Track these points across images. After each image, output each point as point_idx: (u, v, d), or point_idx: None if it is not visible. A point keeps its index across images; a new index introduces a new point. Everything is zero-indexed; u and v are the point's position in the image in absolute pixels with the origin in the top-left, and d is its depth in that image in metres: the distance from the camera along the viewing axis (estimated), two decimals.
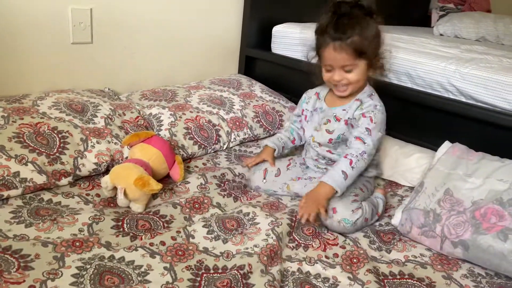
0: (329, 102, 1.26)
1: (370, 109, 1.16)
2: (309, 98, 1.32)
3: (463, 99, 1.38)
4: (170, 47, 1.75)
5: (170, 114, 1.43)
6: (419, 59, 1.48)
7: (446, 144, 1.25)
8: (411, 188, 1.33)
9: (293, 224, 1.07)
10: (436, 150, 1.27)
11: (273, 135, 1.50)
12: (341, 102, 1.22)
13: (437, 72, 1.42)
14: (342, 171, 1.09)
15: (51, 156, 1.11)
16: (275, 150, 1.32)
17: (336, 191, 1.08)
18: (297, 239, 1.04)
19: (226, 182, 1.25)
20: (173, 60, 1.78)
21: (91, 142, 1.21)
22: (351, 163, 1.11)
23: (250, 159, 1.33)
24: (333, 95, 1.24)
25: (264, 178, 1.27)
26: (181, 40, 1.77)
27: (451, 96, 1.41)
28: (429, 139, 1.43)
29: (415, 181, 1.33)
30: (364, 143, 1.13)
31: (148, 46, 1.67)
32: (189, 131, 1.40)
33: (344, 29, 1.08)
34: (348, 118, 1.18)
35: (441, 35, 2.41)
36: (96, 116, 1.29)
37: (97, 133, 1.24)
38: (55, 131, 1.17)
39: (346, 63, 1.11)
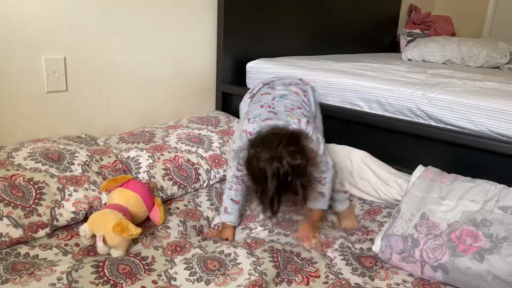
0: None
1: None
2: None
3: (432, 123, 1.43)
4: (146, 89, 1.77)
5: (148, 156, 1.44)
6: (388, 87, 1.53)
7: (420, 168, 1.29)
8: (389, 215, 1.35)
9: (277, 264, 1.07)
10: (411, 175, 1.31)
11: None
12: None
13: (406, 98, 1.48)
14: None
15: (27, 209, 1.10)
16: (235, 226, 1.32)
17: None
18: (280, 275, 1.04)
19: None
20: (150, 102, 1.81)
21: (68, 191, 1.20)
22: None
23: (211, 234, 1.30)
24: None
25: None
26: (156, 81, 1.80)
27: (421, 121, 1.46)
28: (403, 164, 1.47)
29: (395, 194, 1.37)
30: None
31: (124, 89, 1.70)
32: (168, 171, 1.41)
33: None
34: None
35: (409, 60, 2.50)
36: (73, 164, 1.28)
37: (74, 181, 1.23)
38: (31, 182, 1.16)
39: None
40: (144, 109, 1.79)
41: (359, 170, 1.49)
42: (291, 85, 1.37)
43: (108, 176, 1.31)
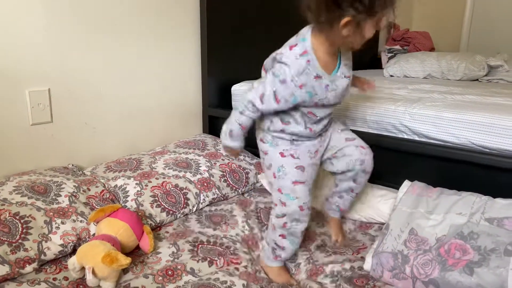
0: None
1: None
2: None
3: (416, 138, 1.45)
4: (132, 116, 1.78)
5: (136, 184, 1.44)
6: (371, 104, 1.56)
7: (406, 183, 1.30)
8: (381, 228, 1.36)
9: None
10: (397, 190, 1.32)
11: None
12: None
13: (389, 114, 1.50)
14: None
15: (14, 244, 1.09)
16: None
17: None
18: None
19: (200, 246, 1.25)
20: (137, 129, 1.81)
21: (56, 223, 1.19)
22: None
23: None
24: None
25: None
26: (142, 109, 1.81)
27: (405, 136, 1.48)
28: (389, 180, 1.49)
29: (386, 216, 1.37)
30: None
31: (110, 118, 1.70)
32: (156, 198, 1.40)
33: None
34: None
35: (391, 76, 2.55)
36: (60, 196, 1.27)
37: (61, 213, 1.22)
38: (17, 217, 1.14)
39: None
40: (130, 137, 1.79)
41: None
42: None
43: (96, 207, 1.30)
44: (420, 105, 1.47)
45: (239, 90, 1.98)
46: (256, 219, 1.44)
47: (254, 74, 2.15)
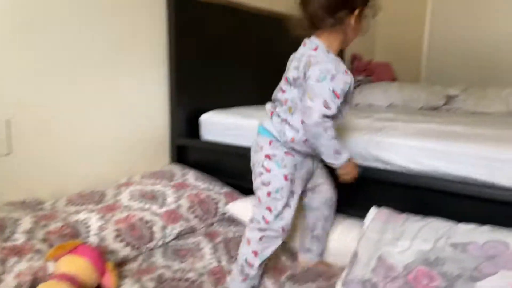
0: None
1: None
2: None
3: (381, 165, 1.48)
4: (96, 147, 1.73)
5: (99, 218, 1.38)
6: (337, 133, 1.58)
7: (373, 210, 1.31)
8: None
9: None
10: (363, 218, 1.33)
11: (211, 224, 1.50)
12: None
13: (355, 143, 1.53)
14: None
15: None
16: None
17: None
18: None
19: (165, 282, 1.20)
20: (101, 160, 1.76)
21: (10, 262, 1.11)
22: None
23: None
24: None
25: None
26: (107, 139, 1.77)
27: (371, 164, 1.51)
28: (356, 207, 1.49)
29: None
30: None
31: (72, 150, 1.65)
32: (120, 233, 1.35)
33: None
34: None
35: (356, 105, 2.63)
36: (16, 232, 1.20)
37: (17, 251, 1.15)
38: None
39: None
40: (95, 168, 1.73)
41: None
42: None
43: (55, 243, 1.23)
44: (383, 134, 1.50)
45: (208, 119, 1.97)
46: (224, 250, 1.41)
47: (224, 102, 2.17)
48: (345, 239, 1.40)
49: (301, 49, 1.17)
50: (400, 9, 3.36)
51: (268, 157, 1.18)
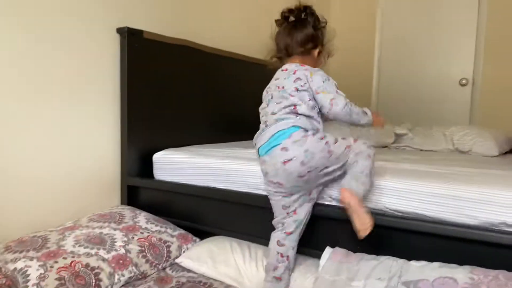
0: None
1: None
2: None
3: (334, 203, 1.49)
4: (41, 188, 1.63)
5: (39, 265, 1.28)
6: None
7: (327, 250, 1.31)
8: None
9: None
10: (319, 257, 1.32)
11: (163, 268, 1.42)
12: None
13: None
14: None
15: None
16: None
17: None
18: None
19: None
20: (47, 202, 1.65)
21: None
22: None
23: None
24: None
25: None
26: (52, 178, 1.68)
27: (325, 202, 1.52)
28: (310, 246, 1.48)
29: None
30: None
31: (13, 189, 1.54)
32: (63, 281, 1.25)
33: None
34: None
35: None
36: None
37: None
38: None
39: None
40: (39, 211, 1.63)
41: None
42: None
43: None
44: None
45: (161, 158, 1.93)
46: None
47: (178, 140, 2.13)
48: (303, 281, 1.38)
49: (283, 73, 1.44)
50: (349, 58, 3.56)
51: (322, 137, 1.32)
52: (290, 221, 1.36)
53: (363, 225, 1.25)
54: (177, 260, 1.58)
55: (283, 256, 1.35)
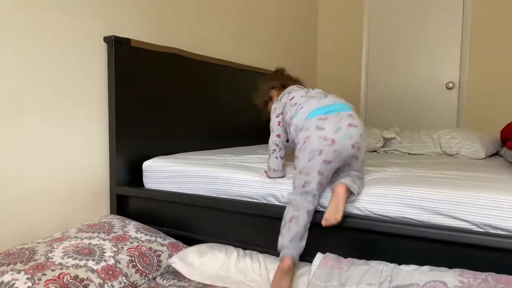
0: None
1: None
2: None
3: (321, 209, 1.49)
4: (28, 198, 1.61)
5: (27, 278, 1.25)
6: (280, 180, 1.60)
7: (318, 256, 1.31)
8: None
9: None
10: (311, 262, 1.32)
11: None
12: None
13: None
14: None
15: None
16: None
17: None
18: None
19: None
20: (34, 213, 1.63)
21: None
22: None
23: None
24: None
25: None
26: (40, 188, 1.66)
27: (317, 209, 1.52)
28: (303, 252, 1.48)
29: None
30: None
31: (0, 201, 1.52)
32: None
33: None
34: None
35: None
36: None
37: None
38: None
39: None
40: (26, 222, 1.60)
41: None
42: None
43: None
44: None
45: (151, 166, 1.92)
46: None
47: (168, 148, 2.12)
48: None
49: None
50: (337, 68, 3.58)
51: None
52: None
53: (333, 215, 1.33)
54: (169, 261, 1.57)
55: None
